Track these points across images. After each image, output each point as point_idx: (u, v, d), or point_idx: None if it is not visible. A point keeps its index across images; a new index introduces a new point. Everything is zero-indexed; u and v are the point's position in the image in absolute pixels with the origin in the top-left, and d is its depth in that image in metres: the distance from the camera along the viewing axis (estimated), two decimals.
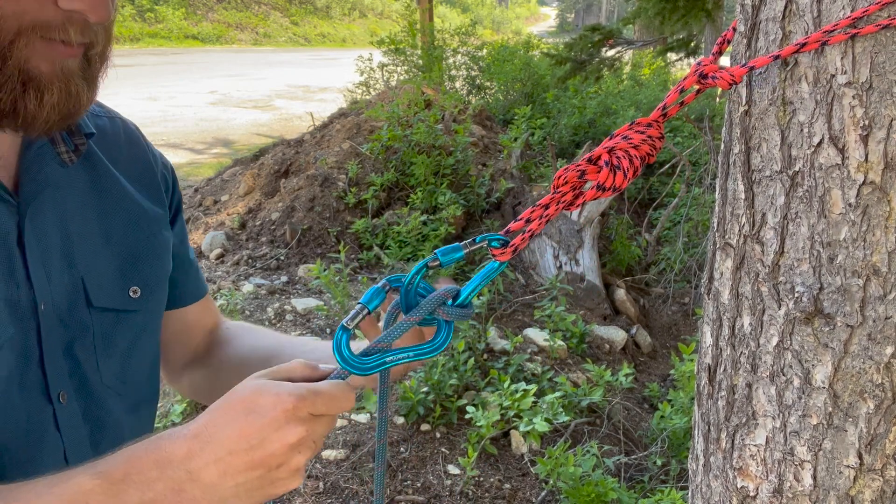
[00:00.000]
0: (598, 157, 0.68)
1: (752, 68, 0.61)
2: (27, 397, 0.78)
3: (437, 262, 0.72)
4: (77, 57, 0.73)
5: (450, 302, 0.73)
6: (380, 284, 0.74)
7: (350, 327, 0.72)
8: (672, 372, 3.14)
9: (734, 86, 0.64)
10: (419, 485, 2.60)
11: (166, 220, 0.97)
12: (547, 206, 0.69)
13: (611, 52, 8.33)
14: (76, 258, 0.84)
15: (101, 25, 0.75)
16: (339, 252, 4.09)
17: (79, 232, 0.85)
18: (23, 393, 0.78)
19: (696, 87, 0.66)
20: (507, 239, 0.72)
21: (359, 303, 0.73)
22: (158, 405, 1.08)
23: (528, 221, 0.70)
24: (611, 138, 0.69)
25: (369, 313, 0.73)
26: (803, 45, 0.58)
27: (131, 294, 0.89)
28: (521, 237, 0.71)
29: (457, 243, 0.73)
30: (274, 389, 0.68)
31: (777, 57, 0.60)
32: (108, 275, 0.87)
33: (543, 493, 2.56)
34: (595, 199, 0.69)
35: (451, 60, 9.43)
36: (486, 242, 0.71)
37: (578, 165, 0.69)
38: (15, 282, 0.77)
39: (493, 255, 0.72)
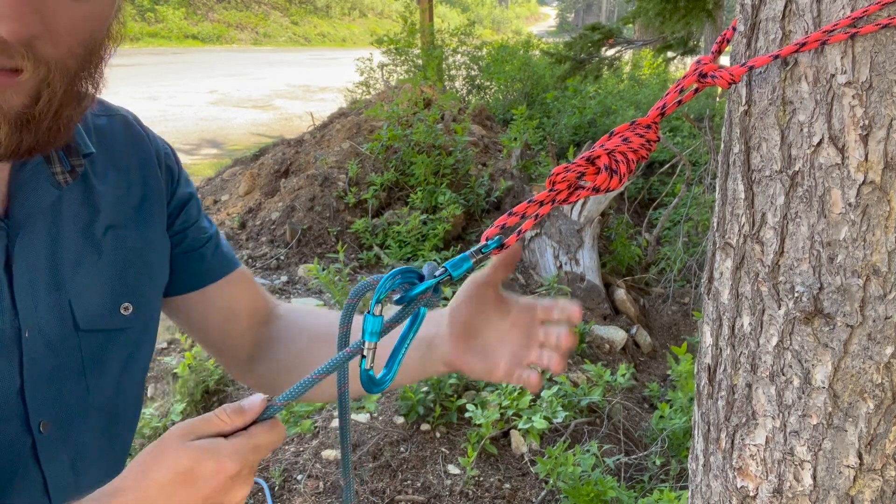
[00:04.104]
0: (598, 158, 0.68)
1: (751, 68, 0.61)
2: (2, 430, 0.74)
3: (449, 276, 0.69)
4: (5, 86, 0.61)
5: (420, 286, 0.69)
6: (373, 312, 0.67)
7: (371, 367, 0.68)
8: (669, 372, 3.15)
9: (733, 85, 0.64)
10: (419, 484, 2.60)
11: (163, 221, 0.92)
12: (542, 203, 0.68)
13: (610, 52, 8.32)
14: (64, 280, 0.79)
15: (47, 56, 0.61)
16: (339, 251, 4.09)
17: (69, 252, 0.80)
18: None
19: (695, 85, 0.66)
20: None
21: (363, 339, 0.67)
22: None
23: (524, 217, 0.68)
24: (610, 136, 0.69)
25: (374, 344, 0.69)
26: (803, 44, 0.58)
27: (122, 311, 0.85)
28: (515, 235, 0.70)
29: (463, 253, 0.70)
30: (211, 456, 0.62)
31: (777, 56, 0.60)
32: (98, 294, 0.82)
33: (543, 493, 2.56)
34: (587, 196, 0.70)
35: (450, 60, 9.44)
36: (494, 249, 0.69)
37: (578, 166, 0.68)
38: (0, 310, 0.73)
39: (492, 255, 0.70)
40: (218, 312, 0.98)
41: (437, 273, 0.68)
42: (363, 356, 0.67)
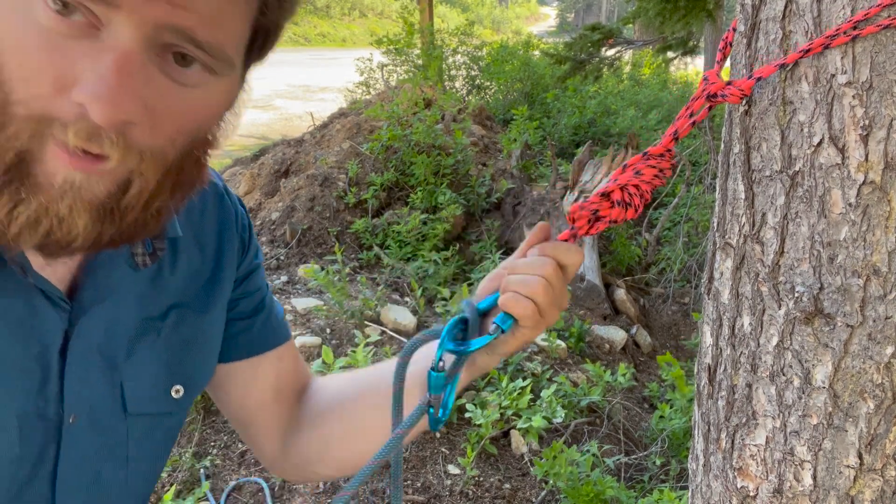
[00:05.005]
0: (611, 193, 0.71)
1: (759, 79, 0.62)
2: None
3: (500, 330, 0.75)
4: (89, 172, 0.56)
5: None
6: (436, 368, 0.76)
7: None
8: (666, 375, 3.15)
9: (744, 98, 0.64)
10: (419, 485, 2.60)
11: (227, 296, 0.85)
12: (566, 241, 0.74)
13: (610, 52, 8.33)
14: (119, 361, 0.74)
15: (141, 144, 0.57)
16: (336, 252, 4.09)
17: (126, 331, 0.74)
18: None
19: (707, 104, 0.66)
20: None
21: (430, 394, 0.76)
22: None
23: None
24: (624, 169, 0.70)
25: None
26: (807, 50, 0.58)
27: (173, 394, 0.79)
28: None
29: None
30: None
31: (782, 65, 0.60)
32: (151, 376, 0.77)
33: (543, 493, 2.56)
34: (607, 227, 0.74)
35: (450, 60, 9.44)
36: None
37: (593, 203, 0.72)
38: (44, 396, 0.68)
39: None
40: (255, 387, 0.90)
41: (491, 330, 0.75)
42: (430, 406, 0.76)
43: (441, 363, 0.75)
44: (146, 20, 0.53)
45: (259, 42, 0.64)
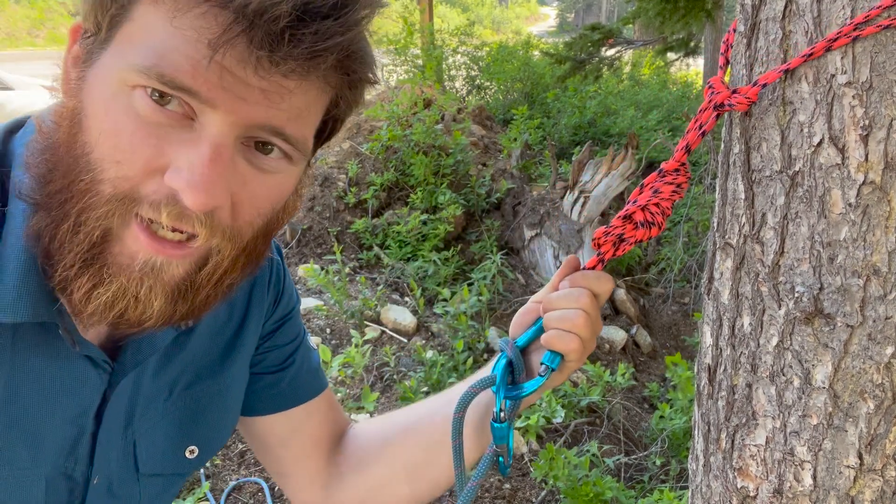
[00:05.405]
0: (633, 214, 0.72)
1: (764, 85, 0.62)
2: None
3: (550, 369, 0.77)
4: (172, 257, 0.58)
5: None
6: (499, 419, 0.78)
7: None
8: (668, 375, 3.15)
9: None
10: None
11: (252, 350, 0.85)
12: (593, 268, 0.76)
13: (610, 52, 8.33)
14: (133, 421, 0.73)
15: (226, 225, 0.59)
16: (336, 252, 4.09)
17: (145, 391, 0.74)
18: None
19: (714, 113, 0.66)
20: None
21: (494, 444, 0.78)
22: None
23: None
24: (641, 189, 0.71)
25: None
26: (809, 55, 0.58)
27: (187, 454, 0.79)
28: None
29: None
30: None
31: (786, 71, 0.60)
32: (163, 436, 0.76)
33: (543, 493, 2.56)
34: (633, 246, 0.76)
35: (450, 60, 9.44)
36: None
37: (616, 227, 0.73)
38: (74, 457, 0.68)
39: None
40: (289, 439, 0.90)
41: (541, 372, 0.76)
42: (499, 455, 0.78)
43: (502, 413, 0.76)
44: (241, 121, 0.56)
45: (327, 131, 0.68)
